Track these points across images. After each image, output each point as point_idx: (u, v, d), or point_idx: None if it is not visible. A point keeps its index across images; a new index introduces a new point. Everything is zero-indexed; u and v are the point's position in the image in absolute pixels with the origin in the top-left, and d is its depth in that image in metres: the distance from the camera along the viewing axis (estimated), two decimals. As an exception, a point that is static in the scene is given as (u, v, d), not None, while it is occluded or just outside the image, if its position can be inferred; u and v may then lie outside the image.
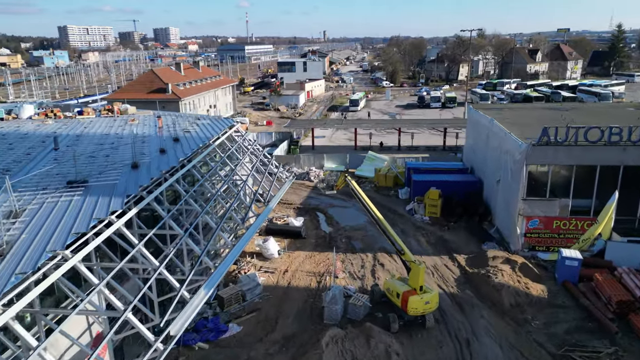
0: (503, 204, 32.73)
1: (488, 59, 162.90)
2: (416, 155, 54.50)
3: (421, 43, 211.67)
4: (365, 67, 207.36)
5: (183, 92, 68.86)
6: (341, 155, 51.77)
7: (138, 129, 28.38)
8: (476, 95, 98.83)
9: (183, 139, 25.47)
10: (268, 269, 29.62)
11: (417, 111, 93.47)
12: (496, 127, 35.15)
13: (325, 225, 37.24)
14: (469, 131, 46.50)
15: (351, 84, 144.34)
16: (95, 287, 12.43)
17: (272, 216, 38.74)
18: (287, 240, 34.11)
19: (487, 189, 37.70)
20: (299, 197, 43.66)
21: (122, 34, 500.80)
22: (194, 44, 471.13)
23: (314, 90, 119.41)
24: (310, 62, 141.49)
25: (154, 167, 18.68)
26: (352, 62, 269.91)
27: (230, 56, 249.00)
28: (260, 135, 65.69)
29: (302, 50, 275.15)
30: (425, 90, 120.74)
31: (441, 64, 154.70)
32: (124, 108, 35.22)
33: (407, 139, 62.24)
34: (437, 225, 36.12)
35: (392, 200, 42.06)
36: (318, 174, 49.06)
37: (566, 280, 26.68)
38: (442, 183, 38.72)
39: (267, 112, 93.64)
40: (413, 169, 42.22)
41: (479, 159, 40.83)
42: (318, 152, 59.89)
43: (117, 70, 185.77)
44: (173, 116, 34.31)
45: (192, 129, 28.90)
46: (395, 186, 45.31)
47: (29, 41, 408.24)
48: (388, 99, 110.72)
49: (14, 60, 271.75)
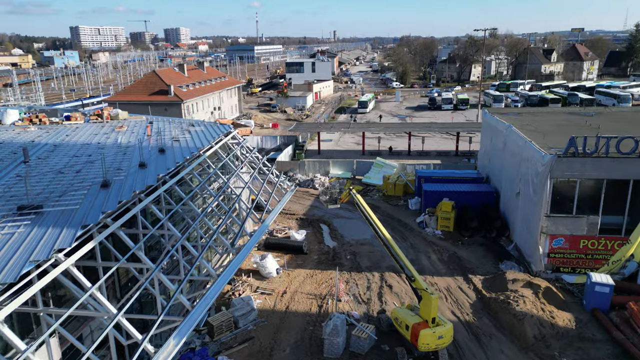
0: (523, 219, 29.93)
1: (501, 59, 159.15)
2: (427, 161, 51.75)
3: (432, 43, 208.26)
4: (375, 68, 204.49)
5: (186, 94, 66.73)
6: (348, 162, 49.18)
7: (124, 137, 26.09)
8: (489, 97, 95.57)
9: (170, 150, 23.08)
10: (265, 290, 27.13)
11: (427, 113, 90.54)
12: (515, 134, 32.34)
13: (329, 238, 34.67)
14: (483, 137, 43.65)
15: (360, 85, 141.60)
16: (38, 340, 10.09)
17: (273, 228, 36.30)
18: (287, 256, 31.61)
19: (504, 200, 34.89)
20: (302, 206, 41.17)
21: (133, 34, 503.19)
22: (204, 44, 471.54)
23: (322, 91, 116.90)
24: (319, 62, 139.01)
25: (127, 186, 16.31)
26: (361, 62, 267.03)
27: (239, 56, 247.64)
28: (264, 138, 63.38)
29: (312, 50, 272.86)
30: (437, 91, 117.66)
31: (453, 65, 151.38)
32: (115, 113, 32.98)
33: (418, 143, 59.50)
34: (450, 240, 33.40)
35: (401, 211, 39.38)
36: (323, 181, 46.52)
37: (596, 309, 23.87)
38: (456, 194, 35.99)
39: (274, 114, 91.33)
40: (424, 178, 39.49)
41: (495, 167, 38.02)
42: (324, 156, 57.39)
43: (126, 70, 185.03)
44: (166, 122, 32.00)
45: (182, 137, 26.52)
46: (404, 195, 42.64)
47: (42, 41, 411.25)
48: (398, 101, 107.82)
49: (25, 61, 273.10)
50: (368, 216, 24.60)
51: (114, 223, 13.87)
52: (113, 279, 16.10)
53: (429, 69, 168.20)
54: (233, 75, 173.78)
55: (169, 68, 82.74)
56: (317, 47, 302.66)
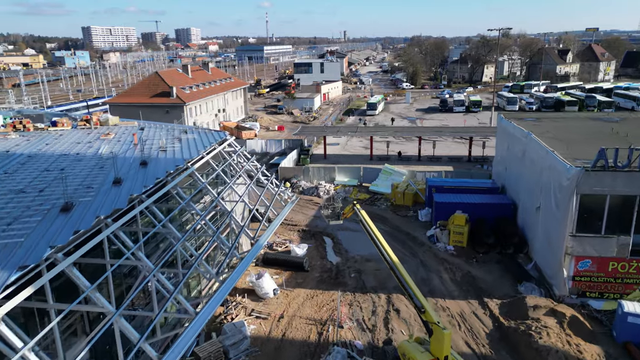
0: (544, 236, 27.32)
1: (514, 59, 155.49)
2: (438, 168, 49.15)
3: (443, 43, 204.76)
4: (385, 68, 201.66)
5: (189, 96, 64.77)
6: (354, 169, 46.74)
7: (108, 146, 23.96)
8: (503, 99, 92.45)
9: (154, 162, 20.89)
10: (260, 314, 24.86)
11: (438, 115, 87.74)
12: (535, 143, 29.72)
13: (332, 253, 32.31)
14: (499, 143, 40.99)
15: (369, 86, 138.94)
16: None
17: (273, 241, 34.06)
18: (286, 273, 29.34)
19: (522, 213, 32.27)
20: (305, 217, 38.87)
21: (144, 35, 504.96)
22: (215, 44, 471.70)
23: (330, 92, 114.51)
24: (328, 63, 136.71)
25: (92, 210, 14.14)
26: (371, 62, 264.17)
27: (249, 57, 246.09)
28: (269, 142, 61.20)
29: (322, 50, 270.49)
30: (448, 92, 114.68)
31: (464, 65, 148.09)
32: (105, 118, 30.95)
33: (428, 147, 56.90)
34: (463, 256, 30.86)
35: (410, 222, 36.89)
36: (328, 189, 44.16)
37: (628, 342, 21.26)
38: (469, 206, 33.42)
39: (280, 116, 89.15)
40: (435, 187, 36.97)
41: (511, 177, 35.39)
42: (330, 161, 55.05)
43: (134, 71, 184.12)
44: (158, 128, 29.86)
45: (171, 146, 24.34)
46: (414, 205, 40.15)
47: (54, 42, 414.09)
48: (408, 102, 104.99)
49: (36, 61, 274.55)
50: (373, 236, 22.27)
51: (66, 259, 11.68)
52: (71, 322, 13.90)
53: (440, 70, 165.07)
54: (241, 75, 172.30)
55: (172, 69, 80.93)
56: (327, 47, 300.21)
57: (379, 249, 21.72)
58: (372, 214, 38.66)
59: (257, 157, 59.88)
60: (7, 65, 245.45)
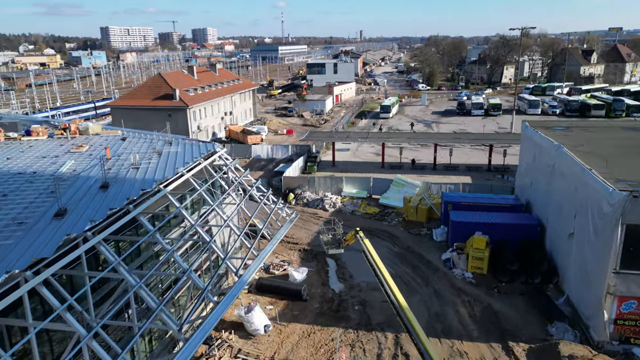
0: (579, 269, 23.55)
1: (534, 60, 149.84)
2: (455, 179, 45.37)
3: (461, 43, 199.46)
4: (401, 69, 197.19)
5: (193, 98, 61.95)
6: (363, 179, 43.23)
7: (75, 162, 20.95)
8: (524, 102, 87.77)
9: (119, 184, 17.78)
10: (248, 356, 21.61)
11: (456, 119, 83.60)
12: (567, 158, 25.92)
13: (335, 279, 28.91)
14: (523, 154, 37.13)
15: (384, 87, 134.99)
16: None
17: (270, 262, 30.80)
18: (282, 302, 26.06)
19: (551, 236, 28.48)
20: (308, 233, 35.55)
21: (161, 35, 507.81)
22: (231, 44, 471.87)
23: (343, 93, 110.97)
24: (341, 63, 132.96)
25: (10, 259, 11.04)
26: (387, 62, 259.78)
27: (263, 57, 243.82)
28: (275, 148, 58.04)
29: (338, 50, 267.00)
30: (466, 94, 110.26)
31: (483, 66, 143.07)
32: (84, 127, 28.05)
33: (445, 154, 53.09)
34: (483, 286, 27.20)
35: (423, 242, 33.28)
36: (334, 201, 40.75)
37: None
38: (490, 226, 29.72)
39: (290, 118, 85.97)
40: (451, 203, 33.27)
41: (538, 193, 31.56)
42: (339, 169, 51.66)
43: (148, 71, 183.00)
44: (141, 139, 26.81)
45: (146, 162, 21.23)
46: (428, 221, 36.53)
47: (74, 42, 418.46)
48: (424, 105, 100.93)
49: (53, 61, 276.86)
50: (378, 272, 18.90)
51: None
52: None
53: (457, 70, 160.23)
54: (254, 76, 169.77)
55: (177, 71, 78.34)
56: (343, 47, 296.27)
57: (384, 287, 18.39)
58: (382, 231, 35.28)
59: (263, 164, 57.03)
60: (24, 65, 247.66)
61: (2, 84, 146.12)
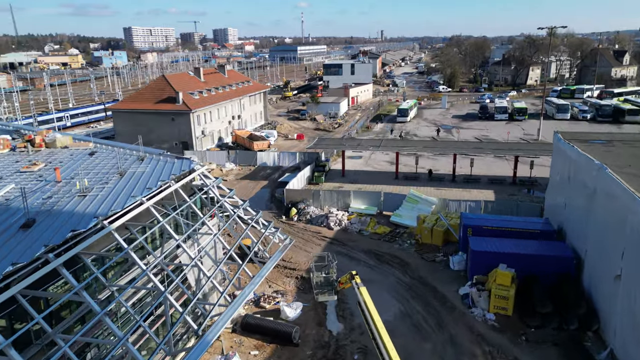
0: (628, 317, 19.20)
1: (562, 60, 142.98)
2: (476, 194, 41.13)
3: (484, 43, 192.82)
4: (421, 69, 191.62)
5: (197, 102, 58.77)
6: (373, 194, 39.13)
7: (14, 186, 17.55)
8: (552, 106, 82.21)
9: (50, 219, 14.29)
10: (219, 422, 17.89)
11: (478, 124, 78.67)
12: (613, 182, 21.51)
13: (333, 317, 24.95)
14: (555, 170, 32.63)
15: (403, 89, 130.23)
16: None
17: (262, 293, 27.07)
18: (269, 347, 22.31)
19: (590, 272, 24.08)
20: (309, 256, 31.66)
21: (183, 35, 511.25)
22: (251, 45, 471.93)
23: (359, 95, 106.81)
24: (359, 64, 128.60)
25: None
26: (407, 63, 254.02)
27: (281, 57, 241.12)
28: (282, 155, 54.38)
29: (357, 50, 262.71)
30: (488, 96, 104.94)
31: (507, 67, 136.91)
32: (51, 139, 24.78)
33: (465, 163, 48.66)
34: (508, 331, 22.95)
35: (438, 271, 29.08)
36: (340, 218, 36.79)
37: None
38: (517, 257, 25.44)
39: (303, 122, 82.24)
40: (471, 227, 29.01)
41: (574, 219, 27.11)
42: (349, 179, 47.71)
43: (165, 71, 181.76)
44: (109, 155, 23.34)
45: (99, 187, 17.69)
46: (445, 245, 32.30)
47: (98, 42, 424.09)
48: (444, 107, 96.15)
49: (75, 61, 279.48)
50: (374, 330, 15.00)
51: None
52: None
53: (480, 71, 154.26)
54: (271, 77, 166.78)
55: (183, 72, 75.56)
56: (364, 47, 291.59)
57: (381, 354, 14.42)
58: (391, 256, 31.22)
59: (268, 173, 53.48)
60: (47, 65, 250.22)
61: (20, 84, 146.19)
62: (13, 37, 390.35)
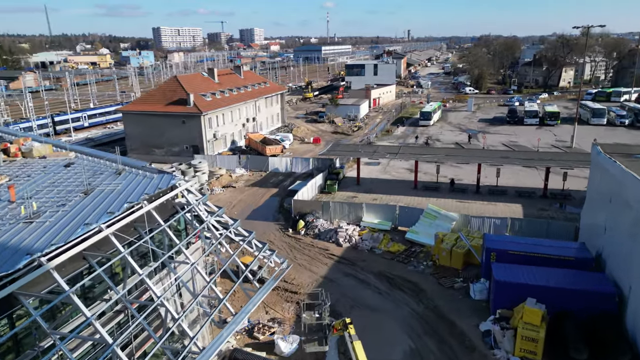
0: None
1: (597, 61, 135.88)
2: (502, 209, 37.58)
3: (514, 43, 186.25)
4: (448, 70, 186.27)
5: (209, 104, 56.62)
6: (387, 207, 35.96)
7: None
8: (586, 110, 77.04)
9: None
10: None
11: (506, 128, 74.30)
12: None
13: (334, 354, 21.88)
14: (593, 187, 28.89)
15: (427, 90, 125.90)
16: None
17: (257, 321, 24.35)
18: (258, 390, 19.56)
19: (633, 311, 20.48)
20: (313, 277, 28.85)
21: (210, 35, 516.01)
22: (276, 45, 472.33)
23: (382, 97, 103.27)
24: (382, 64, 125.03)
25: None
26: (434, 63, 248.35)
27: (306, 57, 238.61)
28: (294, 161, 51.67)
29: (382, 50, 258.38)
30: (518, 99, 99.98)
31: (538, 68, 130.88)
32: (28, 148, 22.63)
33: (490, 172, 45.01)
34: (536, 381, 19.60)
35: (457, 300, 25.79)
36: (350, 233, 33.79)
37: None
38: (548, 291, 22.04)
39: (321, 124, 79.35)
40: (495, 252, 25.64)
41: (616, 246, 23.45)
42: (364, 188, 44.72)
43: (188, 71, 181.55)
44: (85, 167, 20.94)
45: (54, 210, 15.25)
46: (465, 268, 28.98)
47: (128, 42, 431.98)
48: (470, 110, 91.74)
49: (104, 60, 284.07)
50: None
51: None
52: None
53: (509, 72, 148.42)
54: (293, 77, 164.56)
55: (196, 73, 73.55)
56: (390, 47, 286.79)
57: None
58: (404, 280, 28.08)
59: (279, 179, 50.83)
60: (76, 64, 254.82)
61: (46, 83, 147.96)
62: (47, 37, 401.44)
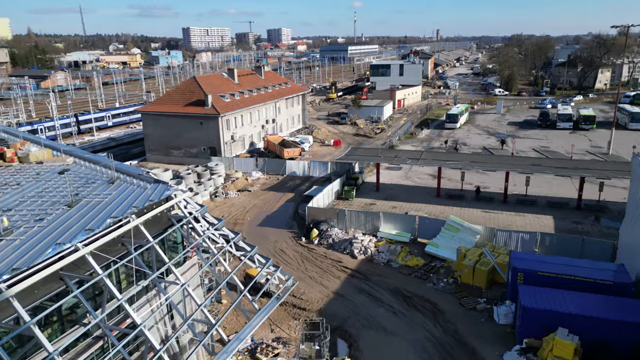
0: None
1: (635, 62, 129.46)
2: (531, 221, 34.99)
3: (547, 43, 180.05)
4: (477, 70, 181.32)
5: (227, 105, 55.50)
6: (406, 218, 33.80)
7: None
8: (624, 114, 72.72)
9: None
10: None
11: (537, 132, 70.78)
12: None
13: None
14: (635, 203, 26.17)
15: (455, 91, 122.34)
16: None
17: (261, 341, 22.76)
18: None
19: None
20: (324, 291, 27.08)
21: (238, 35, 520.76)
22: (303, 44, 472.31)
23: (407, 98, 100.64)
24: (408, 65, 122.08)
25: None
26: (462, 63, 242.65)
27: (332, 57, 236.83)
28: (312, 164, 49.99)
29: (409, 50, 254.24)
30: (550, 101, 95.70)
31: (573, 69, 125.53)
32: (24, 152, 21.64)
33: (519, 180, 42.40)
34: None
35: (478, 324, 23.58)
36: (366, 245, 31.86)
37: None
38: (582, 320, 19.66)
39: (342, 126, 77.44)
40: (523, 272, 23.32)
41: (661, 271, 20.87)
42: (384, 194, 42.76)
43: (214, 71, 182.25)
44: (82, 174, 19.77)
45: (30, 225, 13.98)
46: (490, 287, 26.72)
47: (159, 42, 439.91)
48: (499, 113, 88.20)
49: (134, 60, 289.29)
50: None
51: None
52: None
53: (541, 73, 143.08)
54: (317, 77, 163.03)
55: (215, 74, 72.56)
56: (418, 46, 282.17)
57: None
58: (422, 298, 26.02)
59: (296, 183, 49.23)
60: (107, 63, 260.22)
61: (77, 82, 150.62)
62: (81, 37, 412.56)
